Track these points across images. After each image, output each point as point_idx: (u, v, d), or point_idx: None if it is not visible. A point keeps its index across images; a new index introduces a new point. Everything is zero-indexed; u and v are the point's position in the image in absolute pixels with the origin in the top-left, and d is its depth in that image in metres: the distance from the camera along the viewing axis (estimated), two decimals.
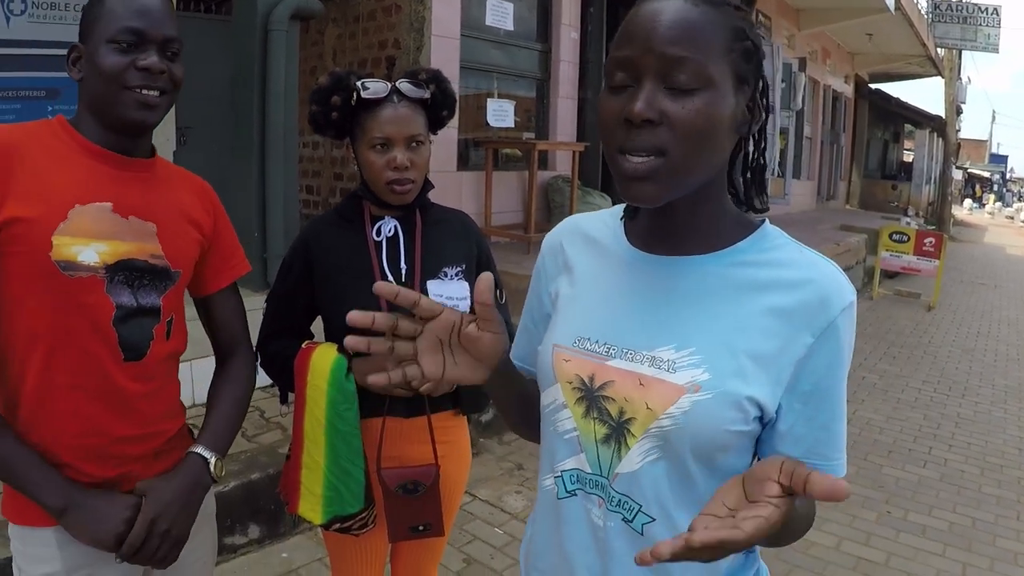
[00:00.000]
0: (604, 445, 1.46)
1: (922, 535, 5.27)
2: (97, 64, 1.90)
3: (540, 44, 10.98)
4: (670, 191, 1.34)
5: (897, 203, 28.60)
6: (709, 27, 1.29)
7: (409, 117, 2.48)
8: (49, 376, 1.91)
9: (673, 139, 1.29)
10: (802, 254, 1.43)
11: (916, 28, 21.54)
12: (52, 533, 1.95)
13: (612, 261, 1.56)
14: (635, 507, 1.43)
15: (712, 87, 1.29)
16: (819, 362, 1.37)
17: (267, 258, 6.96)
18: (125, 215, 1.98)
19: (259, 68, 6.83)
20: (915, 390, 8.65)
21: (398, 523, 2.57)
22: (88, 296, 1.91)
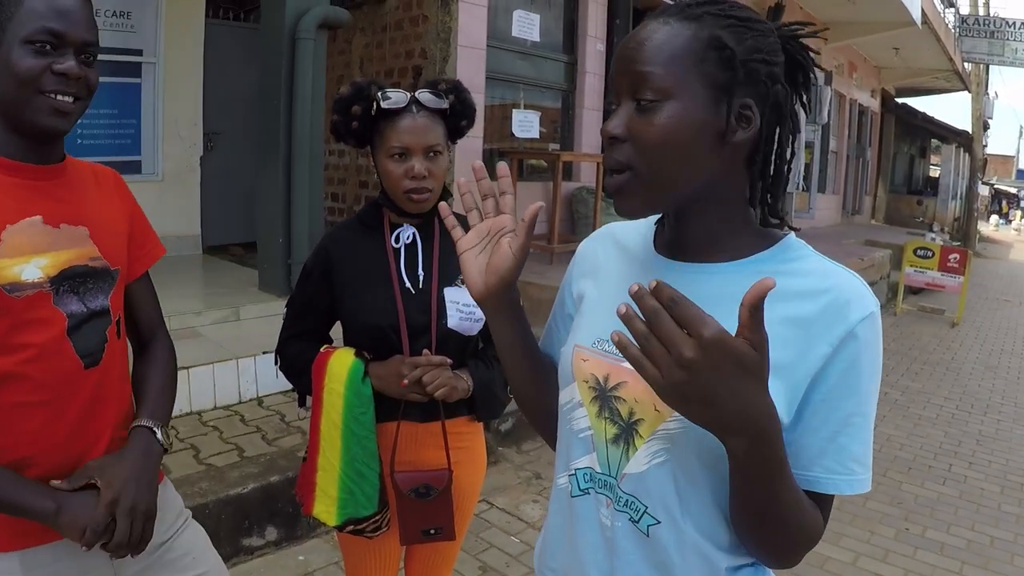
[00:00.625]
0: (613, 445, 1.48)
1: (940, 552, 5.21)
2: (10, 64, 1.80)
3: (566, 56, 11.02)
4: (646, 204, 1.41)
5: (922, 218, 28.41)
6: (673, 41, 1.33)
7: (427, 127, 2.49)
8: (15, 397, 1.86)
9: (636, 154, 1.35)
10: (823, 265, 1.42)
11: (943, 42, 21.43)
12: (17, 559, 1.91)
13: (636, 266, 1.58)
14: (641, 508, 1.44)
15: (672, 99, 1.32)
16: (833, 370, 1.34)
17: (291, 264, 7.04)
18: (56, 224, 1.93)
19: (287, 76, 6.88)
20: (937, 407, 8.57)
21: (410, 526, 2.59)
22: (38, 312, 1.87)
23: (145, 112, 8.50)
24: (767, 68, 1.37)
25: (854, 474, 1.37)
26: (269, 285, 7.35)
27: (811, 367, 1.34)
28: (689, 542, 1.41)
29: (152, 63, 8.44)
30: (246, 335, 6.34)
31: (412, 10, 9.14)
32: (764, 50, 1.36)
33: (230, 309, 6.73)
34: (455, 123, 2.60)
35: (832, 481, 1.36)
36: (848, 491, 1.37)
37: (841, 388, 1.34)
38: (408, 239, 2.59)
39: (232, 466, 4.72)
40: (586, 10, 10.92)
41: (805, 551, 1.40)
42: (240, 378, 5.84)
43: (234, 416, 5.57)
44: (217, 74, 9.50)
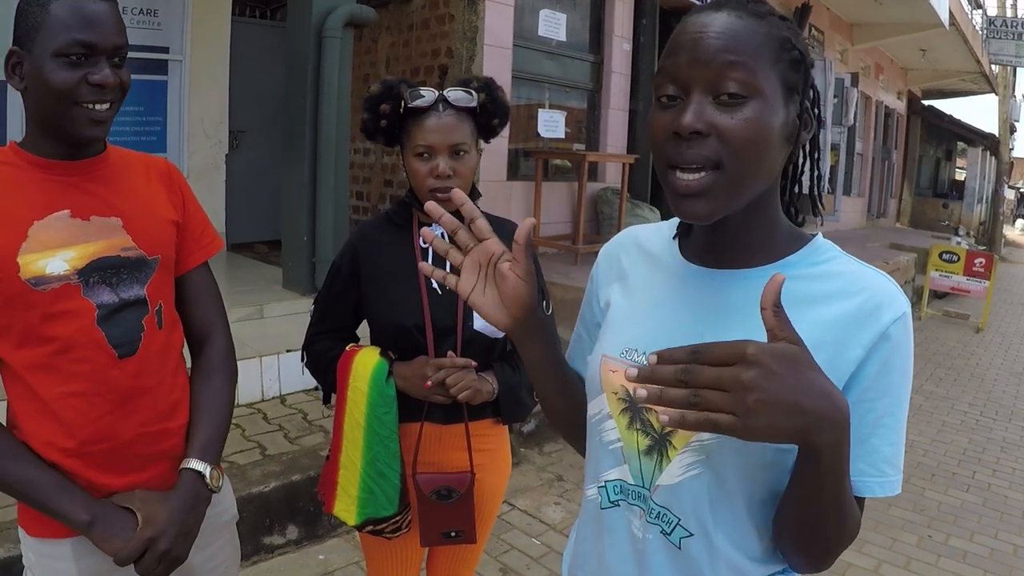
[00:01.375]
0: (647, 457, 1.46)
1: (962, 560, 5.19)
2: (44, 79, 1.81)
3: (592, 55, 10.99)
4: (725, 206, 1.33)
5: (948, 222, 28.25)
6: (756, 37, 1.29)
7: (452, 126, 2.48)
8: (49, 389, 1.90)
9: (726, 151, 1.28)
10: (853, 266, 1.41)
11: (970, 44, 21.30)
12: (68, 545, 1.97)
13: (664, 273, 1.55)
14: (674, 520, 1.42)
15: (761, 97, 1.28)
16: (866, 373, 1.32)
17: (316, 262, 7.06)
18: (86, 217, 1.95)
19: (312, 74, 6.89)
20: (961, 413, 8.52)
21: (430, 528, 2.58)
22: (66, 303, 1.89)
23: (171, 110, 8.53)
24: (811, 72, 1.38)
25: (885, 476, 1.36)
26: (293, 283, 7.36)
27: (844, 370, 1.33)
28: (721, 555, 1.40)
29: (178, 61, 8.47)
30: (270, 333, 6.35)
31: (438, 9, 9.15)
32: (809, 54, 1.37)
33: (254, 307, 6.74)
34: (486, 121, 2.58)
35: (865, 484, 1.35)
36: (880, 493, 1.36)
37: (874, 390, 1.32)
38: None
39: (254, 464, 4.74)
40: (612, 9, 10.89)
41: (842, 551, 1.39)
42: (263, 376, 5.86)
43: (257, 414, 5.59)
44: (243, 72, 9.52)
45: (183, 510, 1.99)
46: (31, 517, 1.97)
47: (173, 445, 2.10)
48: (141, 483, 2.01)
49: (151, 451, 2.05)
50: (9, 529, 3.69)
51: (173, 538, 1.94)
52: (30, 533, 2.00)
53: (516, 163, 10.02)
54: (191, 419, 2.16)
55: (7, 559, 3.52)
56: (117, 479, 1.98)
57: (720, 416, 1.08)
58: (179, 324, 2.20)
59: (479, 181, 8.49)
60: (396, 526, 2.57)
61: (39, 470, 1.88)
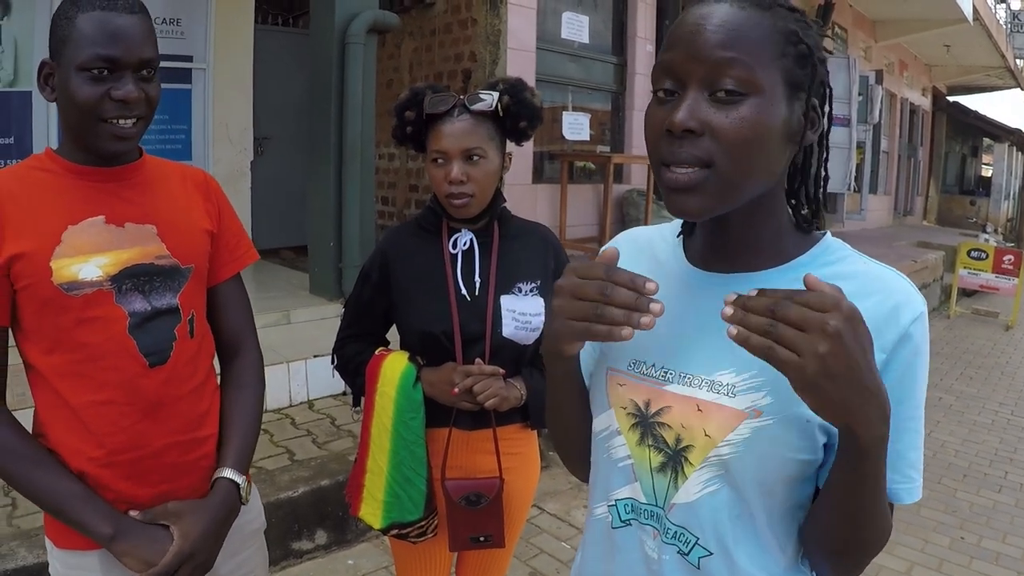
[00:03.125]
0: (660, 474, 1.40)
1: (995, 562, 5.12)
2: (70, 92, 1.81)
3: (615, 57, 10.98)
4: (717, 204, 1.27)
5: (975, 219, 28.06)
6: (757, 30, 1.23)
7: (466, 130, 2.46)
8: (78, 396, 1.89)
9: (718, 150, 1.22)
10: (867, 266, 1.36)
11: (995, 39, 21.13)
12: (96, 558, 1.95)
13: (669, 279, 1.46)
14: (692, 539, 1.37)
15: (759, 94, 1.22)
16: (890, 377, 1.26)
17: (342, 267, 7.07)
18: (120, 223, 1.94)
19: (337, 81, 6.90)
20: (992, 412, 8.43)
21: (459, 533, 2.57)
22: (97, 310, 1.88)
23: (196, 118, 8.54)
24: (823, 68, 1.32)
25: (913, 481, 1.33)
26: (320, 288, 7.37)
27: None
28: (742, 573, 1.36)
29: (202, 69, 8.48)
30: (297, 338, 6.35)
31: (461, 13, 9.16)
32: (821, 49, 1.31)
33: (281, 312, 6.75)
34: (513, 124, 2.54)
35: (895, 491, 1.32)
36: (908, 500, 1.33)
37: (897, 394, 1.26)
38: (465, 245, 2.57)
39: (282, 469, 4.74)
40: (635, 11, 10.87)
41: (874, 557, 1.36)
42: (291, 381, 5.86)
43: (285, 419, 5.59)
44: (267, 79, 9.54)
45: (218, 521, 2.00)
46: (58, 528, 1.96)
47: (203, 455, 2.09)
48: (170, 493, 2.00)
49: (181, 460, 2.03)
50: (38, 535, 3.69)
51: (208, 552, 1.95)
52: (58, 545, 1.99)
53: (541, 166, 10.02)
54: (223, 430, 2.16)
55: (36, 565, 3.53)
56: (147, 489, 1.97)
57: (783, 351, 1.06)
58: (210, 334, 2.20)
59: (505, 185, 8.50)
60: (421, 531, 2.57)
61: (65, 480, 1.88)
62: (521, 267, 2.60)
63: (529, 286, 2.58)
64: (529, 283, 2.58)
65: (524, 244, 2.65)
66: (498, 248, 2.59)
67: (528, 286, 2.58)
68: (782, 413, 1.28)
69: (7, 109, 6.97)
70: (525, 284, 2.58)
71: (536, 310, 2.56)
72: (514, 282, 2.57)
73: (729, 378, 1.33)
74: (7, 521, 3.93)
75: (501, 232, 2.61)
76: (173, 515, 1.95)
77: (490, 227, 2.60)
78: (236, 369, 2.26)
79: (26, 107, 7.03)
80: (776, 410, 1.28)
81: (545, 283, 2.61)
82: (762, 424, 1.28)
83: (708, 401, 1.34)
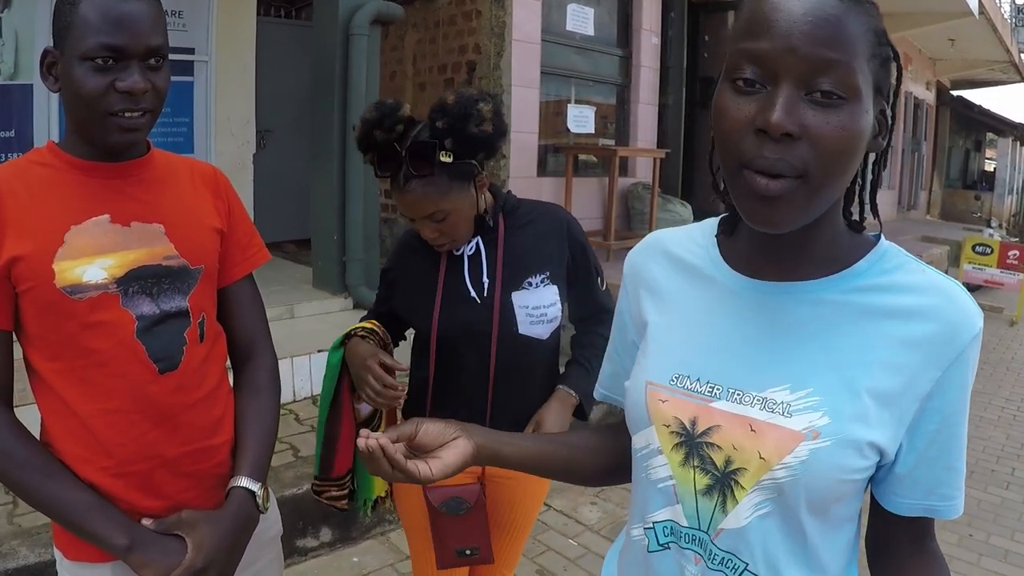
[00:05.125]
0: (705, 497, 1.32)
1: (1004, 560, 5.09)
2: (72, 84, 1.72)
3: (620, 49, 10.91)
4: (803, 216, 1.17)
5: (980, 214, 28.04)
6: (855, 27, 1.11)
7: (417, 199, 2.32)
8: (85, 404, 1.81)
9: (815, 159, 1.11)
10: (927, 276, 1.27)
11: (1000, 33, 21.08)
12: (108, 570, 1.89)
13: (710, 287, 1.39)
14: (741, 566, 1.30)
15: (857, 99, 1.11)
16: (946, 398, 1.23)
17: (346, 261, 7.07)
18: (126, 223, 1.86)
19: (340, 73, 6.88)
20: (998, 408, 8.37)
21: (445, 546, 2.52)
22: (104, 314, 1.80)
23: (197, 110, 8.51)
24: (896, 65, 1.24)
25: (962, 491, 1.29)
26: (323, 282, 7.35)
27: (919, 391, 1.23)
28: None
29: (204, 61, 8.44)
30: (300, 333, 6.33)
31: (465, 5, 9.10)
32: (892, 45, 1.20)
33: (284, 307, 6.73)
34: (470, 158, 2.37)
35: (949, 507, 1.29)
36: (959, 512, 1.29)
37: (955, 416, 1.24)
38: (471, 250, 2.51)
39: (287, 466, 4.70)
40: (640, 3, 10.79)
41: None
42: (295, 376, 5.83)
43: (289, 415, 5.57)
44: (269, 72, 9.51)
45: (234, 532, 1.91)
46: (68, 540, 1.89)
47: (218, 463, 2.02)
48: (184, 502, 1.93)
49: (194, 469, 1.96)
50: (39, 533, 3.67)
51: (222, 565, 1.86)
52: (68, 557, 1.91)
53: (545, 159, 9.97)
54: (239, 436, 2.08)
55: (38, 564, 3.50)
56: (160, 500, 1.89)
57: None
58: (222, 336, 2.12)
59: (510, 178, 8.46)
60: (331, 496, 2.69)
61: (76, 490, 1.79)
62: (528, 260, 2.52)
63: (539, 278, 2.51)
64: (539, 275, 2.51)
65: (532, 232, 2.56)
66: (503, 244, 2.52)
67: (538, 278, 2.51)
68: (840, 434, 1.21)
69: (8, 102, 6.94)
70: (535, 277, 2.51)
71: (550, 300, 2.51)
72: (524, 277, 2.50)
73: (783, 396, 1.25)
74: (8, 519, 3.90)
75: (508, 224, 2.54)
76: (187, 525, 1.86)
77: (495, 228, 2.53)
78: (250, 373, 2.17)
79: (27, 100, 6.99)
80: (833, 431, 1.21)
81: (557, 270, 2.54)
82: (820, 446, 1.21)
83: (761, 421, 1.26)
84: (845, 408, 1.19)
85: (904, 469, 1.26)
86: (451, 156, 2.30)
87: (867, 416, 1.21)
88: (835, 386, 1.23)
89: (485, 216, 2.48)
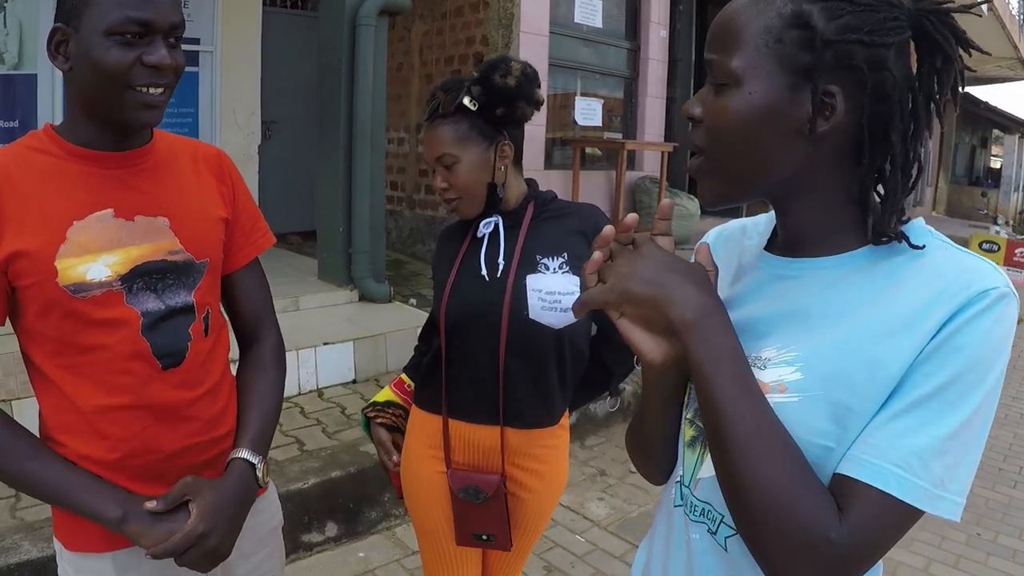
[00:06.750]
0: (690, 449, 1.38)
1: (1012, 559, 5.06)
2: (95, 59, 1.66)
3: (628, 42, 10.88)
4: (722, 191, 1.30)
5: (986, 210, 28.03)
6: (752, 19, 1.20)
7: (434, 138, 2.41)
8: (88, 401, 1.78)
9: (704, 137, 1.27)
10: (947, 253, 1.22)
11: (1008, 30, 21.06)
12: (110, 561, 1.86)
13: (745, 263, 1.45)
14: (717, 517, 1.29)
15: (742, 83, 1.21)
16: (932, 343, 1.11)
17: (352, 253, 7.03)
18: (130, 217, 1.81)
19: (347, 63, 6.85)
20: (1005, 407, 8.25)
21: (462, 527, 2.52)
22: (108, 312, 1.76)
23: (203, 101, 8.51)
24: (868, 51, 1.16)
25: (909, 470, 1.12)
26: (329, 275, 7.32)
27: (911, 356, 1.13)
28: None
29: (209, 52, 8.43)
30: (306, 325, 6.30)
31: None
32: (866, 29, 1.15)
33: (289, 299, 6.69)
34: (490, 114, 2.40)
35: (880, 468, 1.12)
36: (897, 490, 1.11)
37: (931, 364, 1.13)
38: (489, 228, 2.48)
39: (292, 460, 4.68)
40: None
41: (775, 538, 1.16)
42: (300, 369, 5.80)
43: (294, 408, 5.53)
44: (274, 63, 9.50)
45: (234, 500, 1.87)
46: (68, 530, 1.87)
47: (221, 451, 1.99)
48: None
49: (197, 461, 1.94)
50: (42, 528, 3.65)
51: (223, 535, 1.83)
52: (68, 547, 1.88)
53: (552, 152, 9.94)
54: (242, 411, 2.05)
55: (41, 558, 3.47)
56: (161, 489, 1.84)
57: None
58: (225, 326, 2.08)
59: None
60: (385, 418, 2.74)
61: (63, 469, 1.76)
62: (547, 244, 2.47)
63: (557, 262, 2.43)
64: (556, 259, 2.44)
65: (561, 225, 2.52)
66: (527, 229, 2.48)
67: (556, 262, 2.43)
68: (810, 392, 1.16)
69: (12, 92, 6.93)
70: (551, 260, 2.43)
71: (567, 288, 2.41)
72: (539, 259, 2.44)
73: (769, 353, 1.25)
74: (10, 514, 3.86)
75: (536, 214, 2.51)
76: (192, 490, 1.82)
77: (521, 211, 2.50)
78: (258, 353, 2.15)
79: (31, 90, 6.98)
80: (803, 388, 1.17)
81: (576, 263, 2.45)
82: (784, 400, 1.18)
83: None
84: (823, 368, 1.16)
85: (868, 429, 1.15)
86: (475, 105, 2.37)
87: (849, 380, 1.15)
88: (823, 348, 1.19)
89: (498, 188, 2.45)
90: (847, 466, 1.12)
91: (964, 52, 1.24)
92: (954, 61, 1.22)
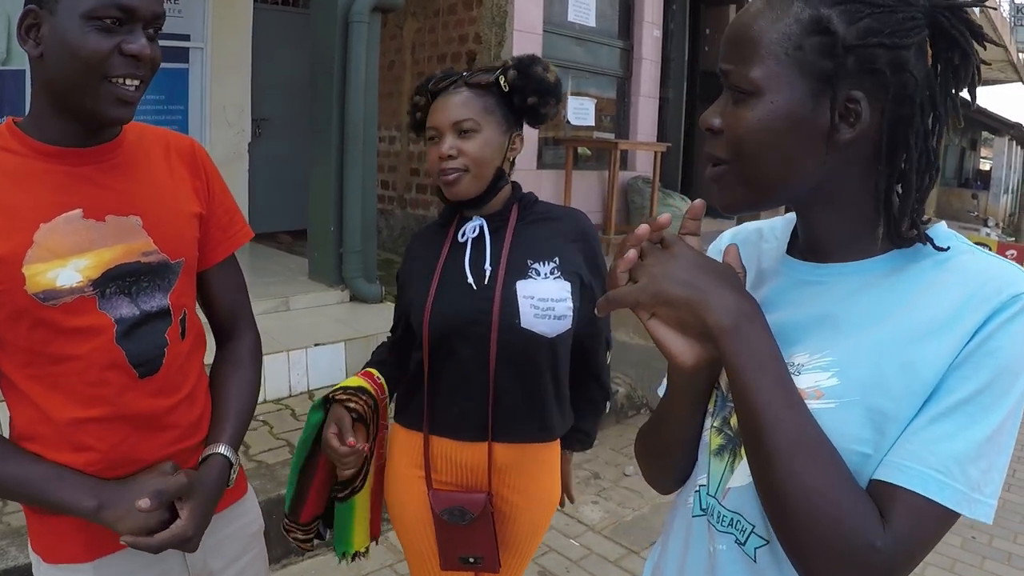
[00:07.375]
0: (717, 458, 1.35)
1: (1007, 563, 5.08)
2: (70, 44, 1.56)
3: (622, 41, 10.84)
4: (744, 200, 1.28)
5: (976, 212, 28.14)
6: (770, 26, 1.19)
7: (458, 103, 2.31)
8: (62, 412, 1.70)
9: (726, 148, 1.25)
10: (974, 257, 1.20)
11: (998, 32, 21.17)
12: (90, 571, 1.80)
13: (765, 267, 1.44)
14: (748, 527, 1.28)
15: (763, 93, 1.19)
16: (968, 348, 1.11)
17: (343, 252, 7.00)
18: (100, 217, 1.71)
19: (339, 61, 6.82)
20: None
21: (447, 550, 2.43)
22: (80, 320, 1.67)
23: (192, 98, 8.49)
24: (890, 54, 1.14)
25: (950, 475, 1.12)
26: (320, 274, 7.27)
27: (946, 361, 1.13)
28: None
29: (200, 48, 8.41)
30: (296, 326, 6.25)
31: None
32: (886, 31, 1.13)
33: (279, 299, 6.65)
34: (521, 100, 2.36)
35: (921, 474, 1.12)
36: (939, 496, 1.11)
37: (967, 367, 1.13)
38: (475, 232, 2.38)
39: (283, 463, 4.64)
40: None
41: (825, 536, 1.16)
42: (291, 371, 5.75)
43: (284, 410, 5.49)
44: (265, 60, 9.47)
45: (213, 499, 1.85)
46: (46, 543, 1.81)
47: (199, 456, 1.93)
48: None
49: None
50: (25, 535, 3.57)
51: (201, 532, 1.80)
52: (46, 559, 1.82)
53: (544, 152, 9.91)
54: (219, 406, 2.00)
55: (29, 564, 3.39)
56: None
57: None
58: (201, 328, 2.01)
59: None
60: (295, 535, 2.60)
61: (31, 464, 1.70)
62: (536, 248, 2.38)
63: (548, 267, 2.35)
64: (547, 263, 2.35)
65: (548, 228, 2.43)
66: (513, 232, 2.39)
67: (547, 267, 2.35)
68: (847, 398, 1.16)
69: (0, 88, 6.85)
70: (543, 265, 2.35)
71: (559, 295, 2.33)
72: (529, 264, 2.35)
73: (802, 359, 1.24)
74: None
75: (520, 217, 2.42)
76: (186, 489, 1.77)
77: (505, 213, 2.42)
78: (234, 350, 2.10)
79: (20, 86, 6.93)
80: (840, 394, 1.17)
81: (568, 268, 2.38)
82: (820, 407, 1.17)
83: None
84: (859, 373, 1.15)
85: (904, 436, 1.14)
86: (508, 87, 2.36)
87: (885, 385, 1.14)
88: (853, 352, 1.19)
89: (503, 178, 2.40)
90: (886, 472, 1.12)
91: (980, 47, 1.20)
92: (971, 56, 1.20)
